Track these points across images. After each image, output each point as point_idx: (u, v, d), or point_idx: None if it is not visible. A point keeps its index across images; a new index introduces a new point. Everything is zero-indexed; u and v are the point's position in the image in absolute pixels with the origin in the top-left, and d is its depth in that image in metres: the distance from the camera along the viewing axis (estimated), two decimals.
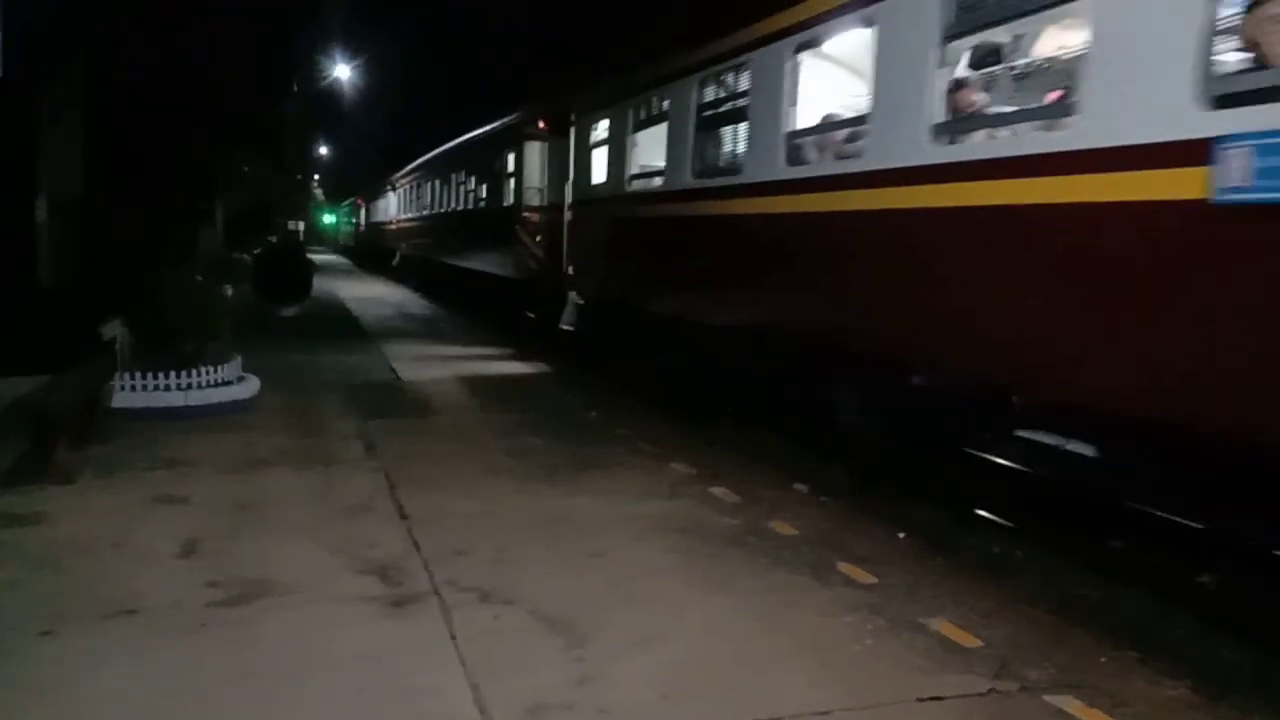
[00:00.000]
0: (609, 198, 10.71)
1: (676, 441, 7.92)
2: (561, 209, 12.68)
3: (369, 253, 43.81)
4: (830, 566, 5.05)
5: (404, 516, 5.74)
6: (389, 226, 37.18)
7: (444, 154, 24.39)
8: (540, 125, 14.63)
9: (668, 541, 5.40)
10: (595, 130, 11.35)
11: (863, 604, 4.54)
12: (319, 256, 38.25)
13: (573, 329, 12.42)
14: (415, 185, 29.67)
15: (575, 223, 12.11)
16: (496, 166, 17.40)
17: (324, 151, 61.44)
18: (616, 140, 10.50)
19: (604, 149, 11.01)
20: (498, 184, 17.43)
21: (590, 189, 11.49)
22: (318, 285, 22.12)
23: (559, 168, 13.04)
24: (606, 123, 10.93)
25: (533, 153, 15.08)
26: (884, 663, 3.94)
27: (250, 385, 9.16)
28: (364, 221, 50.89)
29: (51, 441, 6.46)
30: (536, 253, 14.45)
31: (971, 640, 4.16)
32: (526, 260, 15.01)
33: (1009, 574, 5.09)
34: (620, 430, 8.39)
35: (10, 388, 7.61)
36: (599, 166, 11.18)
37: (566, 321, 12.44)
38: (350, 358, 13.00)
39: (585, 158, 11.66)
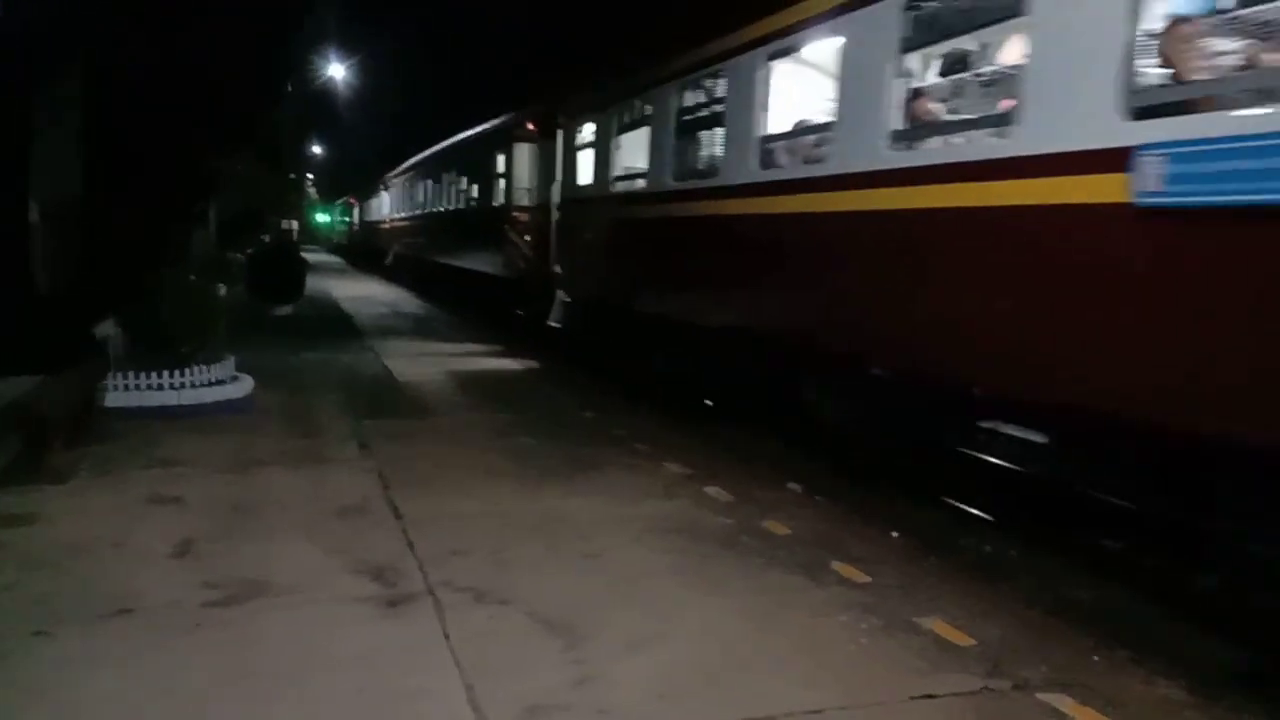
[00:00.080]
0: (594, 199, 10.93)
1: (671, 441, 7.93)
2: (549, 209, 12.88)
3: (363, 252, 43.74)
4: (824, 566, 5.06)
5: (399, 517, 5.74)
6: (382, 226, 37.15)
7: (436, 154, 24.55)
8: (530, 127, 14.94)
9: (663, 542, 5.41)
10: (582, 133, 11.58)
11: (857, 603, 4.56)
12: (313, 255, 38.19)
13: (560, 326, 12.56)
14: (408, 185, 29.70)
15: (562, 223, 12.32)
16: (487, 167, 17.61)
17: (318, 150, 61.25)
18: (601, 143, 10.72)
19: (590, 151, 11.23)
20: (488, 184, 17.64)
21: (577, 190, 11.70)
22: (312, 284, 22.11)
23: (547, 169, 13.30)
24: (592, 126, 11.14)
25: (522, 154, 15.35)
26: (878, 662, 3.95)
27: (244, 385, 9.15)
28: (358, 221, 50.83)
29: (46, 441, 6.45)
30: (525, 252, 14.67)
31: (965, 639, 4.18)
32: (516, 259, 15.23)
33: (1003, 574, 5.11)
34: (615, 430, 8.40)
35: (5, 388, 7.59)
36: (585, 168, 11.41)
37: (554, 319, 12.61)
38: (344, 356, 13.01)
39: (572, 159, 11.88)
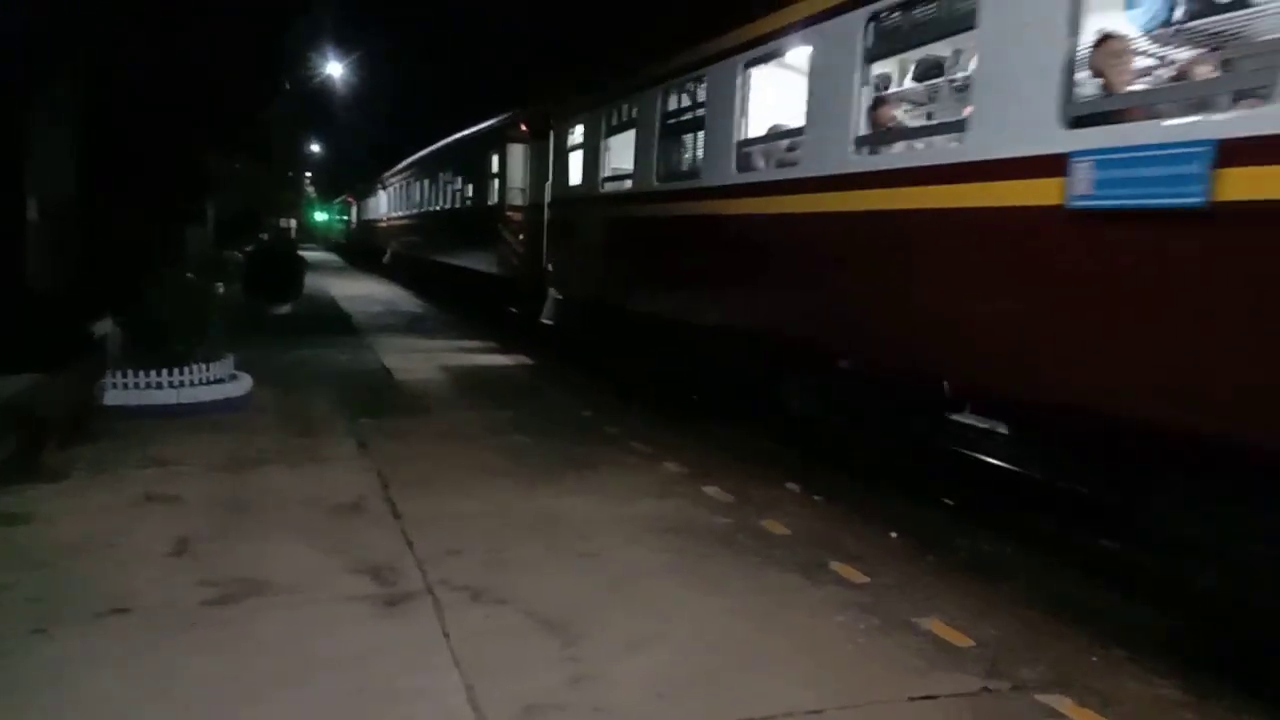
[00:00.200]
0: (584, 199, 11.18)
1: (668, 440, 7.94)
2: (541, 209, 13.10)
3: (361, 250, 43.76)
4: (822, 566, 5.07)
5: (397, 515, 5.74)
6: (380, 224, 37.19)
7: (433, 154, 24.72)
8: (523, 128, 15.17)
9: (661, 541, 5.41)
10: (573, 134, 11.84)
11: (854, 603, 4.56)
12: (311, 254, 38.13)
13: (552, 324, 12.75)
14: (405, 184, 29.80)
15: (553, 222, 12.57)
16: (482, 167, 17.83)
17: (316, 149, 61.19)
18: (591, 144, 10.99)
19: (580, 152, 11.49)
20: (483, 184, 17.87)
21: (568, 190, 11.95)
22: (310, 283, 22.10)
23: (539, 169, 13.54)
24: (582, 127, 11.41)
25: (516, 154, 15.58)
26: (876, 662, 3.96)
27: (242, 383, 9.14)
28: (356, 219, 50.81)
29: (43, 440, 6.44)
30: (519, 250, 14.88)
31: (963, 639, 4.18)
32: (509, 258, 15.45)
33: (1001, 573, 5.11)
34: (611, 429, 8.41)
35: (2, 387, 7.58)
36: (575, 169, 11.67)
37: (546, 316, 12.80)
38: (342, 355, 13.02)
39: (563, 160, 12.14)
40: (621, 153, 10.11)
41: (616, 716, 3.46)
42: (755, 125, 7.53)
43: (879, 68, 6.44)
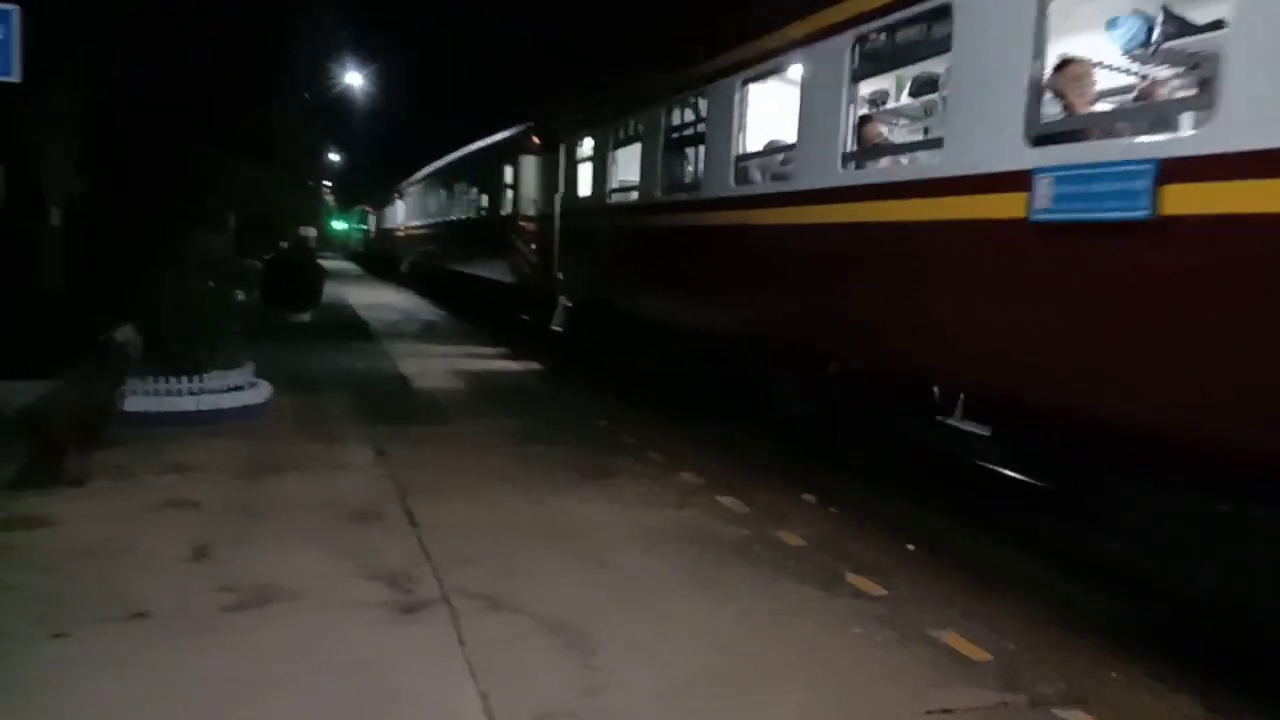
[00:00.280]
0: (592, 209, 11.54)
1: (683, 449, 7.94)
2: (553, 219, 13.40)
3: (379, 259, 44.02)
4: (839, 577, 5.05)
5: (413, 523, 5.76)
6: (397, 233, 37.44)
7: (448, 165, 25.15)
8: (535, 140, 15.58)
9: (676, 551, 5.40)
10: (582, 147, 12.23)
11: (871, 615, 4.55)
12: (330, 263, 38.39)
13: (562, 331, 13.02)
14: (422, 194, 30.08)
15: (564, 232, 12.90)
16: (495, 178, 18.20)
17: (335, 158, 61.58)
18: (599, 157, 11.40)
19: (589, 164, 11.89)
20: (497, 194, 18.23)
21: (577, 201, 12.32)
22: (329, 291, 22.22)
23: (551, 180, 13.89)
24: (591, 140, 11.81)
25: (528, 166, 15.96)
26: (892, 675, 3.94)
27: (261, 390, 9.20)
28: (374, 228, 51.11)
29: (63, 445, 6.49)
30: (531, 259, 15.19)
31: (981, 653, 4.16)
32: (522, 266, 15.78)
33: (1019, 586, 5.08)
34: (627, 438, 8.41)
35: (22, 391, 7.65)
36: (585, 180, 12.05)
37: (556, 323, 13.05)
38: (360, 362, 13.10)
39: (573, 172, 12.53)
40: (628, 165, 10.50)
41: None
42: (753, 140, 7.86)
43: (873, 84, 6.81)
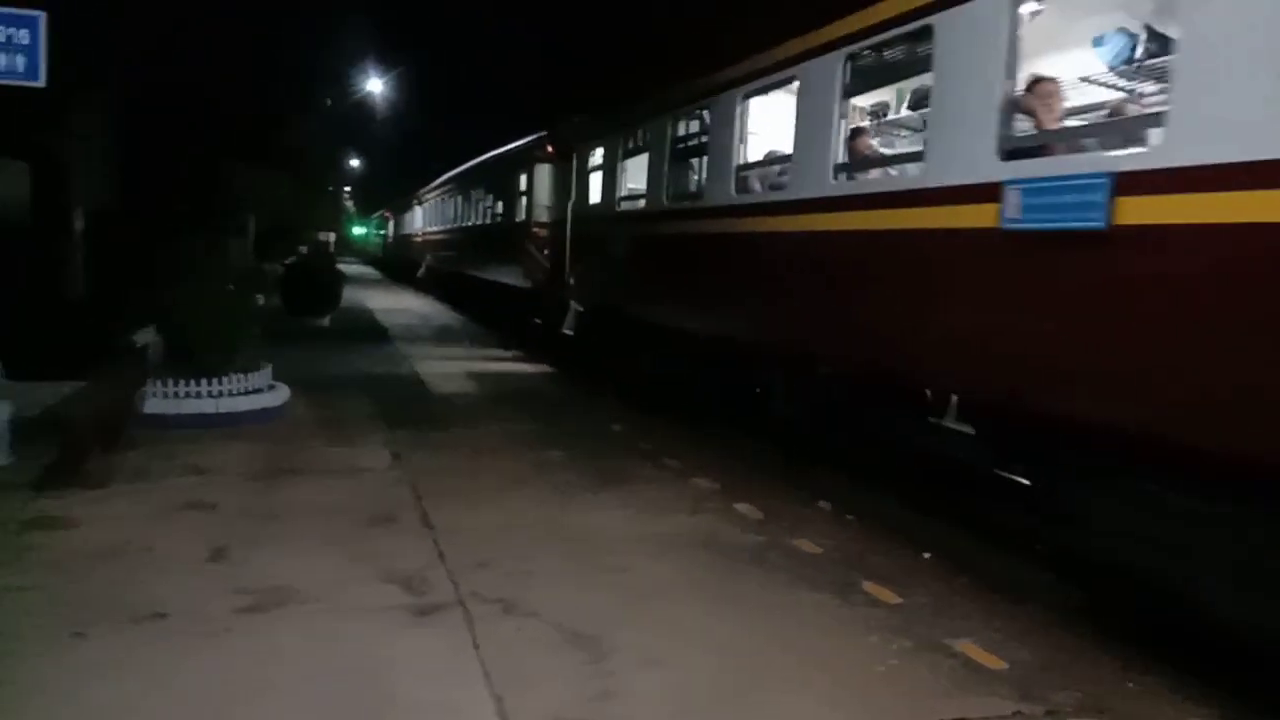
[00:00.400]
0: (602, 216, 11.82)
1: (699, 456, 7.94)
2: (565, 225, 13.65)
3: (397, 264, 44.23)
4: (854, 585, 5.03)
5: (429, 527, 5.78)
6: (415, 239, 37.66)
7: (465, 172, 25.58)
8: (548, 149, 15.86)
9: (690, 557, 5.40)
10: (593, 156, 12.52)
11: (886, 624, 4.53)
12: (349, 268, 38.62)
13: (573, 334, 13.24)
14: (439, 200, 30.38)
15: (575, 238, 13.16)
16: (510, 186, 18.53)
17: (355, 164, 61.93)
18: (609, 166, 11.71)
19: (599, 173, 12.17)
20: (511, 202, 18.58)
21: (588, 208, 12.60)
22: (348, 296, 22.36)
23: (563, 188, 14.14)
24: (601, 150, 12.13)
25: (542, 174, 16.23)
26: (907, 684, 3.92)
27: (280, 394, 9.26)
28: (392, 234, 51.38)
29: (84, 447, 6.56)
30: (544, 265, 15.42)
31: (997, 662, 4.14)
32: (535, 272, 16.01)
33: (1036, 595, 5.04)
34: (642, 444, 8.42)
35: (43, 394, 7.74)
36: (595, 188, 12.34)
37: (567, 327, 13.27)
38: (378, 366, 13.19)
39: (585, 180, 12.81)
40: (636, 174, 10.82)
41: None
42: (753, 151, 8.18)
43: (875, 97, 7.14)
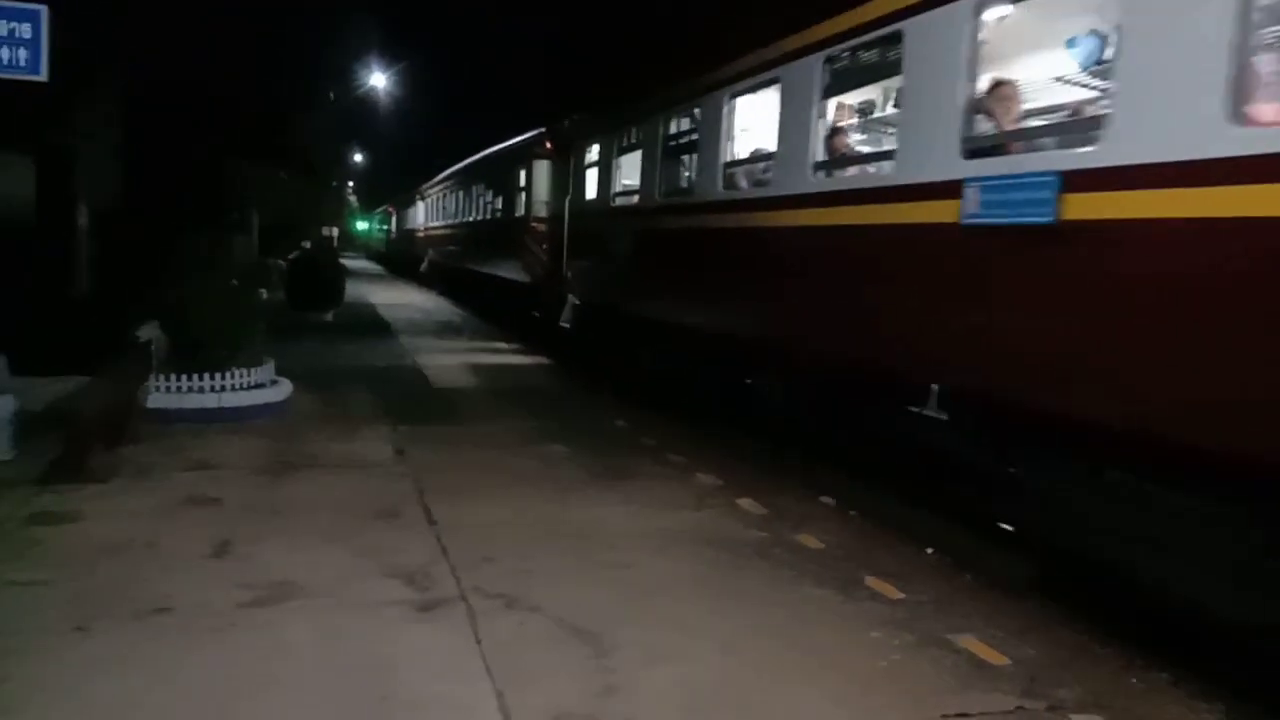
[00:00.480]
0: (598, 212, 12.03)
1: (702, 452, 7.93)
2: (563, 220, 13.77)
3: (400, 259, 44.28)
4: (857, 581, 5.03)
5: (432, 522, 5.78)
6: (418, 234, 37.75)
7: (466, 167, 25.74)
8: (547, 146, 16.00)
9: (693, 553, 5.40)
10: (590, 152, 12.72)
11: (889, 620, 4.52)
12: (353, 262, 38.70)
13: (570, 328, 13.35)
14: (441, 195, 30.54)
15: (573, 233, 13.32)
16: (510, 181, 18.74)
17: (359, 158, 61.94)
18: (605, 162, 11.92)
19: (596, 169, 12.38)
20: (511, 197, 18.79)
21: (585, 204, 12.78)
22: (351, 290, 22.40)
23: (561, 184, 14.26)
24: (597, 146, 12.31)
25: (541, 170, 16.44)
26: (910, 679, 3.92)
27: (283, 388, 9.26)
28: (395, 228, 51.40)
29: (87, 442, 6.56)
30: (542, 259, 15.56)
31: (999, 658, 4.13)
32: (534, 266, 16.19)
33: (1039, 591, 5.03)
34: (645, 440, 8.41)
35: (47, 389, 7.75)
36: (591, 184, 12.55)
37: (564, 321, 13.39)
38: (380, 361, 13.22)
39: (581, 176, 12.99)
40: (630, 171, 11.02)
41: None
42: (740, 148, 8.42)
43: (861, 95, 7.49)
